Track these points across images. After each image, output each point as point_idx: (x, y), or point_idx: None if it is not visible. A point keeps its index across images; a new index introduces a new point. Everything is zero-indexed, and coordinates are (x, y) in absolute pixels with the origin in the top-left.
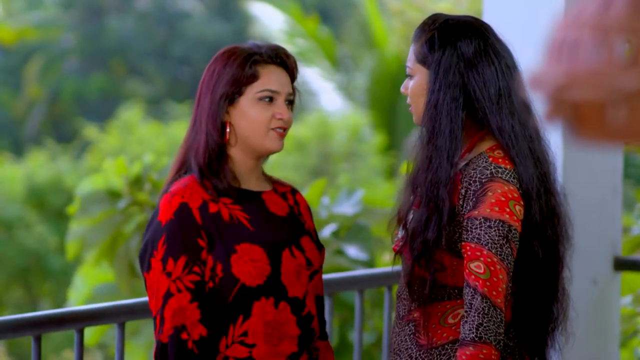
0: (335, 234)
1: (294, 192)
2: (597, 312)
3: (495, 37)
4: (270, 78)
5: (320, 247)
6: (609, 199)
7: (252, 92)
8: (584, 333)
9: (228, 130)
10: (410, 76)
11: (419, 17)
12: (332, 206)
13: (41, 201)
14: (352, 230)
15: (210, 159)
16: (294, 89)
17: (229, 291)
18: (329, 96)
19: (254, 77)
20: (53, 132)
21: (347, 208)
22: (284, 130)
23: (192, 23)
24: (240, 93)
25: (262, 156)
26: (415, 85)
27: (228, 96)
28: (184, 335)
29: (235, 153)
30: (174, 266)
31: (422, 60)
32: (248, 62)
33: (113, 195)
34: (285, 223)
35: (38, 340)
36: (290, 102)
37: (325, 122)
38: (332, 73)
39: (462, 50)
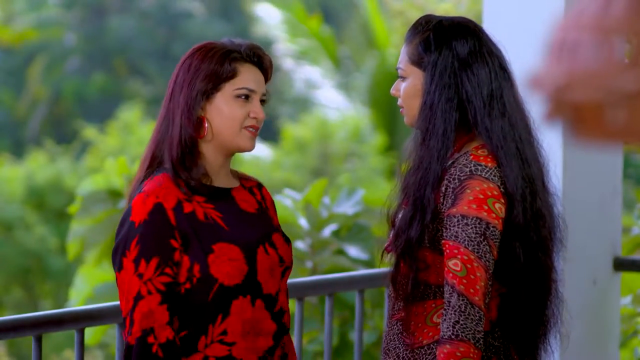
0: (335, 234)
1: (260, 186)
2: (597, 312)
3: (488, 37)
4: (248, 76)
5: (288, 241)
6: (608, 199)
7: (229, 89)
8: (583, 333)
9: (206, 125)
10: (403, 78)
11: None
12: (332, 206)
13: (41, 202)
14: (352, 230)
15: (183, 153)
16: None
17: (208, 291)
18: (330, 96)
19: (232, 74)
20: (53, 133)
21: (347, 208)
22: (256, 129)
23: (193, 23)
24: (217, 89)
25: (232, 154)
26: (409, 87)
27: (206, 91)
28: (150, 339)
29: (207, 149)
30: (145, 268)
31: (417, 62)
32: (227, 58)
33: (114, 195)
34: (256, 220)
35: (39, 340)
36: (262, 102)
37: (326, 122)
38: (334, 73)
39: (458, 51)
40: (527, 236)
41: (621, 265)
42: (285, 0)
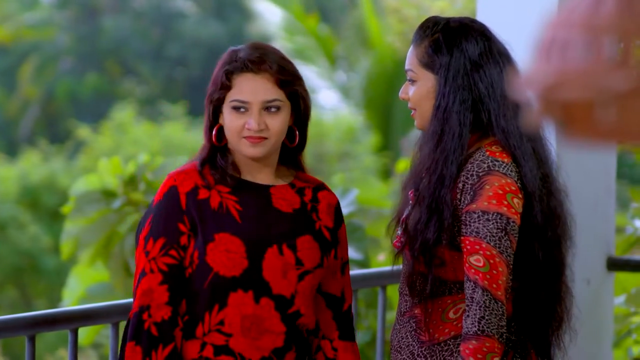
0: None
1: (318, 189)
2: (590, 312)
3: (496, 37)
4: (242, 88)
5: (327, 247)
6: (602, 199)
7: (227, 100)
8: (577, 332)
9: (214, 133)
10: (413, 81)
11: (415, 14)
12: None
13: (35, 201)
14: (346, 230)
15: (211, 157)
16: (286, 92)
17: (204, 279)
18: (327, 95)
19: (227, 87)
20: (47, 133)
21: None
22: (257, 138)
23: (187, 23)
24: (222, 100)
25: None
26: (420, 90)
27: (213, 101)
28: (145, 316)
29: (234, 150)
30: (152, 246)
31: (428, 64)
32: (223, 70)
33: (108, 195)
34: (286, 220)
35: (32, 340)
36: (276, 108)
37: (320, 122)
38: (331, 72)
39: (469, 52)
40: (545, 235)
41: (615, 264)
42: None
